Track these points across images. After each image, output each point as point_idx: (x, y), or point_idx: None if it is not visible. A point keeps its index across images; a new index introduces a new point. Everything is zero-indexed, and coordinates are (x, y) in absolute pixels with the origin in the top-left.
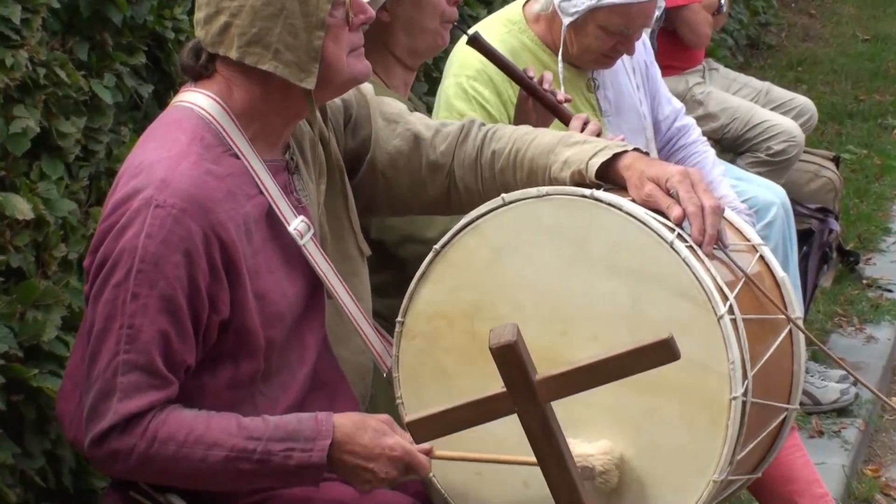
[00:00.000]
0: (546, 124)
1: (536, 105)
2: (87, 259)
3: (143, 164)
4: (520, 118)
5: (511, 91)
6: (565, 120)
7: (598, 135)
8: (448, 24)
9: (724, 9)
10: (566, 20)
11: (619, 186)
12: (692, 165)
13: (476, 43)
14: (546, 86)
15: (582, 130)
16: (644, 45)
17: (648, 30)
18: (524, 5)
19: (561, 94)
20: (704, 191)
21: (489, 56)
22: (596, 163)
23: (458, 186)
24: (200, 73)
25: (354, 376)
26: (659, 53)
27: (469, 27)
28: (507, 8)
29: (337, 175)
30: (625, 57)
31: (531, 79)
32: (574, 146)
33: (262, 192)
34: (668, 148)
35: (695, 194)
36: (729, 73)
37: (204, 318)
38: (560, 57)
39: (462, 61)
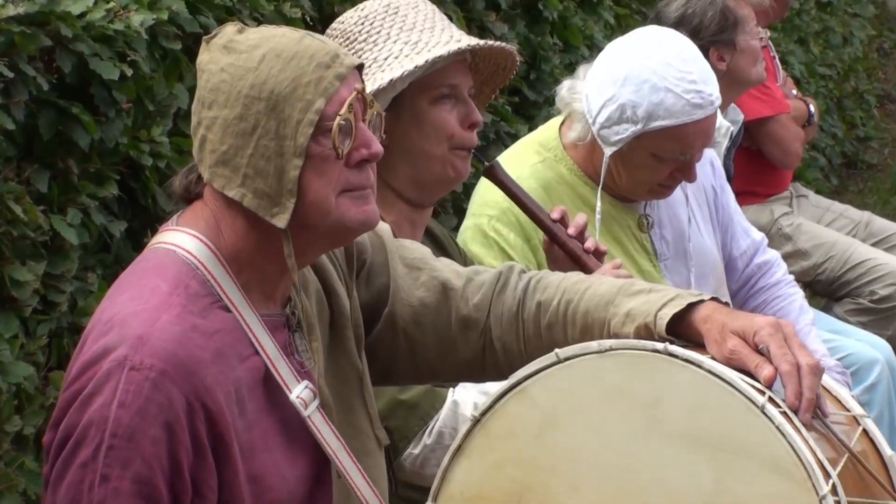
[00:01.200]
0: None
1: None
2: (47, 434)
3: (114, 319)
4: (552, 268)
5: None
6: (588, 272)
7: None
8: (462, 152)
9: (815, 119)
10: (608, 150)
11: (693, 343)
12: (776, 310)
13: (491, 174)
14: (572, 230)
15: None
16: (712, 167)
17: (722, 148)
18: (561, 125)
19: (591, 241)
20: (800, 347)
21: (506, 191)
22: (667, 314)
23: (496, 346)
24: (188, 190)
25: None
26: (736, 177)
27: (502, 149)
28: (540, 130)
29: (349, 335)
30: (684, 183)
31: (555, 221)
32: (638, 295)
33: (257, 353)
34: (747, 290)
35: (789, 350)
36: (821, 200)
37: None
38: (599, 194)
39: (484, 197)
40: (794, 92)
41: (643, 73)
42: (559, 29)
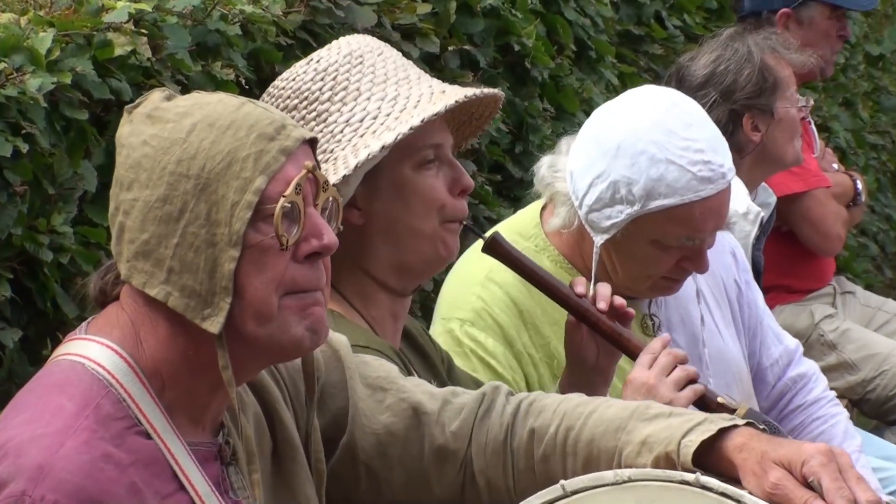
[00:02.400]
0: (612, 364)
1: (595, 335)
2: None
3: (9, 445)
4: (573, 355)
5: (528, 340)
6: (632, 353)
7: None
8: (454, 225)
9: (863, 197)
10: (599, 238)
11: (725, 476)
12: (815, 434)
13: (494, 249)
14: (602, 305)
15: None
16: (734, 258)
17: (751, 238)
18: (542, 211)
19: (619, 301)
20: (858, 480)
21: (513, 265)
22: (693, 442)
23: (478, 482)
24: (104, 293)
25: None
26: (767, 270)
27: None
28: (517, 216)
29: (297, 469)
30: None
31: (580, 297)
32: (656, 420)
33: (183, 489)
34: (780, 408)
35: (844, 484)
36: (871, 297)
37: None
38: (592, 292)
39: (453, 298)
40: (836, 165)
41: (639, 142)
42: (550, 91)
